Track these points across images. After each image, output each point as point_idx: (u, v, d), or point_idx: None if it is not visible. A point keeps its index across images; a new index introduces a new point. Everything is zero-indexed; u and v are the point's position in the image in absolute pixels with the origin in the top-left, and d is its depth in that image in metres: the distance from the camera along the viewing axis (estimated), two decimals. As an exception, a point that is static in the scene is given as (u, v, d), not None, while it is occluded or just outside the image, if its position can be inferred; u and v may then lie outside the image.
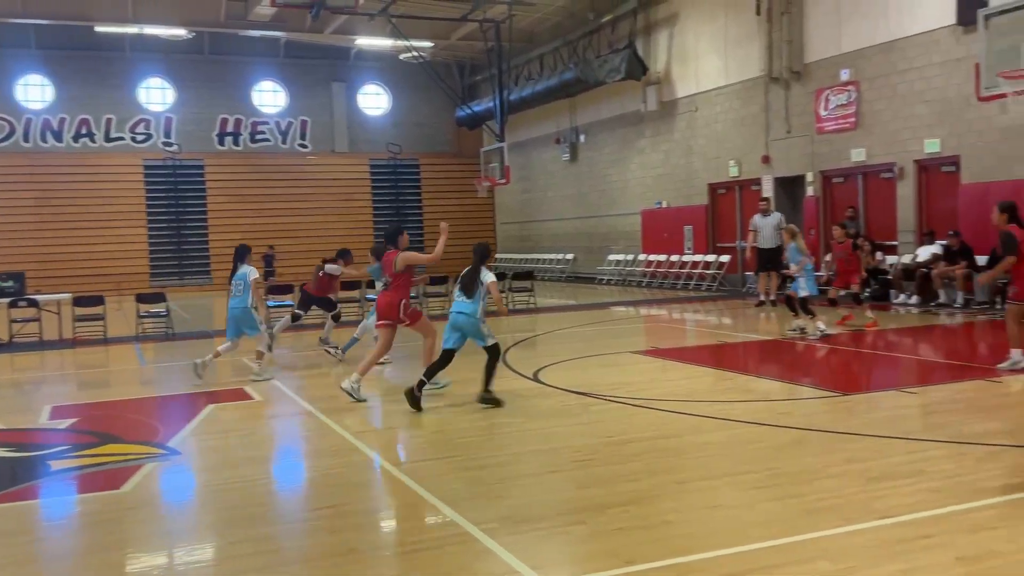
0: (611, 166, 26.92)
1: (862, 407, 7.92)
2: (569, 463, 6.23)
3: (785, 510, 5.07)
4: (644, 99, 24.23)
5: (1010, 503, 4.99)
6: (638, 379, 9.83)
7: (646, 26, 24.27)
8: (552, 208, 30.55)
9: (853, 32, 18.02)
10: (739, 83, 21.21)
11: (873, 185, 18.19)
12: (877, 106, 17.60)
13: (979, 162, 15.63)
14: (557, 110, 28.93)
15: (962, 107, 15.71)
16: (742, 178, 21.47)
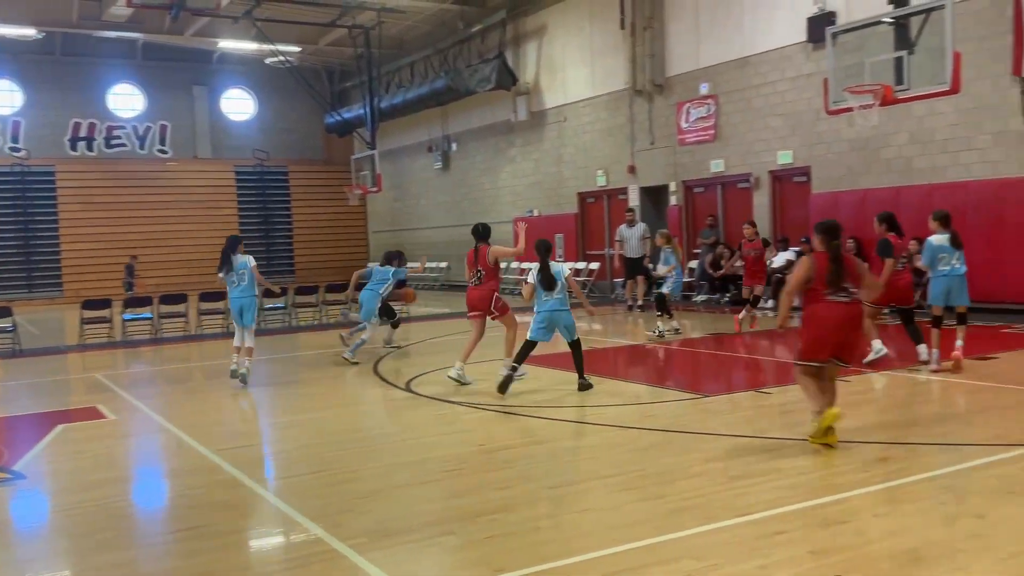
0: (483, 174, 27.06)
1: (723, 407, 8.21)
2: (439, 473, 6.19)
3: (651, 511, 5.19)
4: (515, 109, 24.49)
5: (859, 497, 5.26)
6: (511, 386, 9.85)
7: (515, 37, 24.55)
8: (425, 216, 30.45)
9: (711, 48, 18.75)
10: (605, 95, 21.71)
11: (731, 194, 18.96)
12: (734, 119, 18.38)
13: (828, 172, 16.53)
14: (429, 118, 28.87)
15: (812, 120, 16.58)
16: (609, 187, 21.98)
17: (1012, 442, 6.35)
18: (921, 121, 14.89)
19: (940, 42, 11.49)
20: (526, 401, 8.79)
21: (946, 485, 5.42)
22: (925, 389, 8.70)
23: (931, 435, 6.71)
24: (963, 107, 14.16)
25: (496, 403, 8.61)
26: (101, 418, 8.92)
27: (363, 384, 10.40)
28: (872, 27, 12.49)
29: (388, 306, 13.11)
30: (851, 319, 6.45)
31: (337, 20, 25.57)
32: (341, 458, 6.89)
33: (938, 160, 14.73)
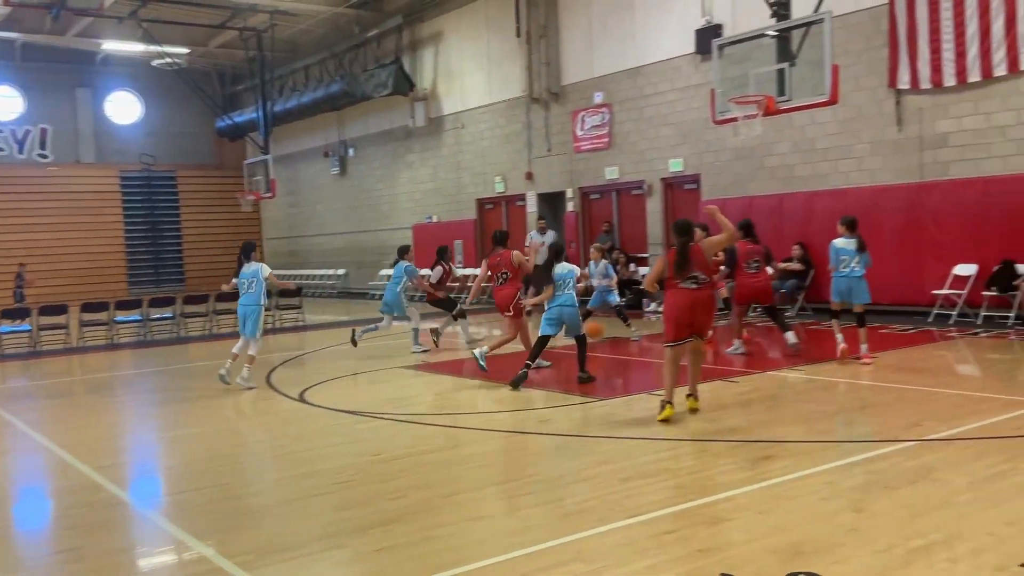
0: (381, 180, 26.82)
1: (617, 411, 8.34)
2: (331, 485, 6.08)
3: (544, 515, 5.22)
4: (412, 114, 24.37)
5: (745, 495, 5.41)
6: (407, 394, 9.80)
7: (412, 42, 24.44)
8: (322, 223, 29.97)
9: (604, 57, 19.09)
10: (502, 102, 21.84)
11: (626, 201, 19.33)
12: (627, 127, 18.74)
13: (716, 180, 17.03)
14: (325, 123, 28.46)
15: (701, 129, 17.06)
16: (508, 193, 22.10)
17: (888, 438, 6.66)
18: (803, 131, 15.50)
19: (820, 55, 11.97)
20: (423, 409, 8.74)
21: (826, 481, 5.62)
22: (808, 388, 9.03)
23: (812, 433, 6.98)
24: (842, 117, 14.82)
25: (392, 412, 8.52)
26: (-29, 437, 8.43)
27: (255, 396, 10.13)
28: (756, 40, 12.91)
29: (448, 299, 13.78)
30: (700, 302, 7.57)
31: (227, 22, 24.96)
32: (229, 473, 6.70)
33: (819, 168, 15.37)
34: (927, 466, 5.81)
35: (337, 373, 11.40)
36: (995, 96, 13.13)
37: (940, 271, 13.74)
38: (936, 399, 8.01)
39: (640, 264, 18.39)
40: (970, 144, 13.46)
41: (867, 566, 4.19)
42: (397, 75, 23.58)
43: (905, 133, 14.18)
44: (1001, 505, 4.96)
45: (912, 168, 14.15)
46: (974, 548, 4.33)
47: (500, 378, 10.72)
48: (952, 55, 13.47)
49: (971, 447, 6.25)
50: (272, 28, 24.52)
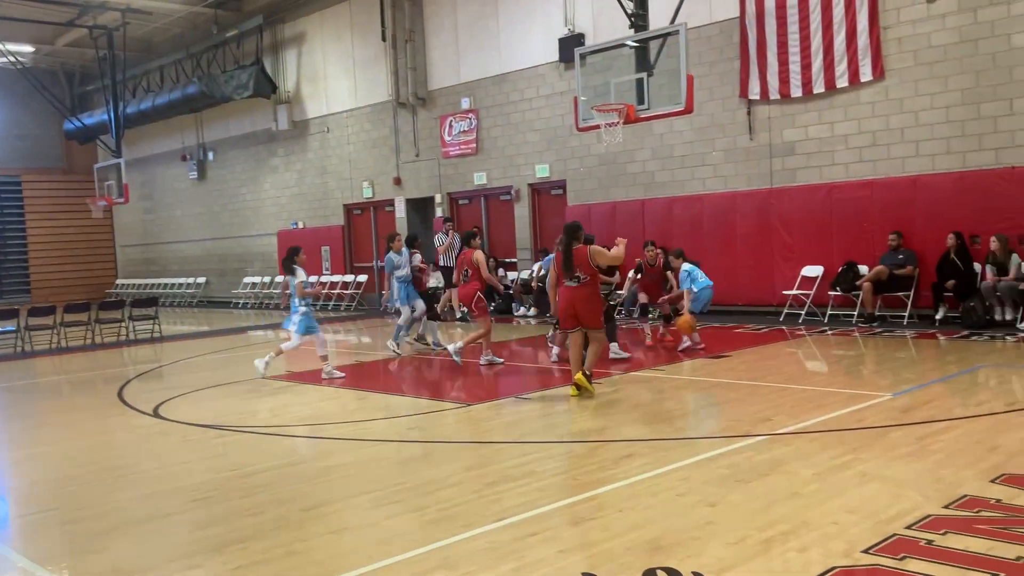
0: (243, 185, 26.04)
1: (484, 416, 8.36)
2: (187, 503, 5.83)
3: (408, 524, 5.16)
4: (275, 117, 23.78)
5: (606, 494, 5.51)
6: (270, 406, 9.52)
7: (274, 43, 23.86)
8: (180, 229, 28.84)
9: (471, 63, 19.18)
10: (369, 106, 21.61)
11: (494, 206, 19.47)
12: (494, 133, 18.89)
13: (581, 186, 17.39)
14: (183, 125, 27.42)
15: (566, 136, 17.38)
16: (376, 199, 21.88)
17: (740, 433, 6.94)
18: (662, 138, 16.02)
19: (676, 65, 12.42)
20: (287, 420, 8.51)
21: (683, 477, 5.80)
22: (667, 387, 9.31)
23: (671, 431, 7.20)
24: (698, 126, 15.40)
25: (254, 424, 8.26)
26: None
27: (106, 412, 9.63)
28: (616, 49, 13.27)
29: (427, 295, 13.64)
30: (578, 297, 8.60)
31: (76, 20, 23.69)
32: (77, 494, 6.32)
33: (677, 174, 15.91)
34: (777, 459, 6.08)
35: (196, 385, 10.97)
36: (838, 107, 13.94)
37: (790, 272, 14.48)
38: (785, 395, 8.41)
39: (509, 269, 18.56)
40: (815, 152, 14.24)
41: (721, 558, 4.33)
42: (258, 77, 22.97)
43: (756, 141, 14.87)
44: (844, 494, 5.23)
45: (763, 175, 14.84)
46: (820, 536, 4.55)
47: (367, 385, 10.58)
48: (798, 68, 14.22)
49: (817, 440, 6.59)
50: (124, 26, 23.41)
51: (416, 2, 20.08)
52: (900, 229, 13.18)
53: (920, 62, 13.03)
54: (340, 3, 21.97)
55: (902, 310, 13.12)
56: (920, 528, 4.57)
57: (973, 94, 12.59)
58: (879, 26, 13.34)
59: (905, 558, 4.18)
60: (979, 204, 12.48)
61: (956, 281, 12.34)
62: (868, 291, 13.16)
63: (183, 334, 18.42)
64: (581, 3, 16.87)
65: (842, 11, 13.66)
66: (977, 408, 7.39)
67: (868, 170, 13.68)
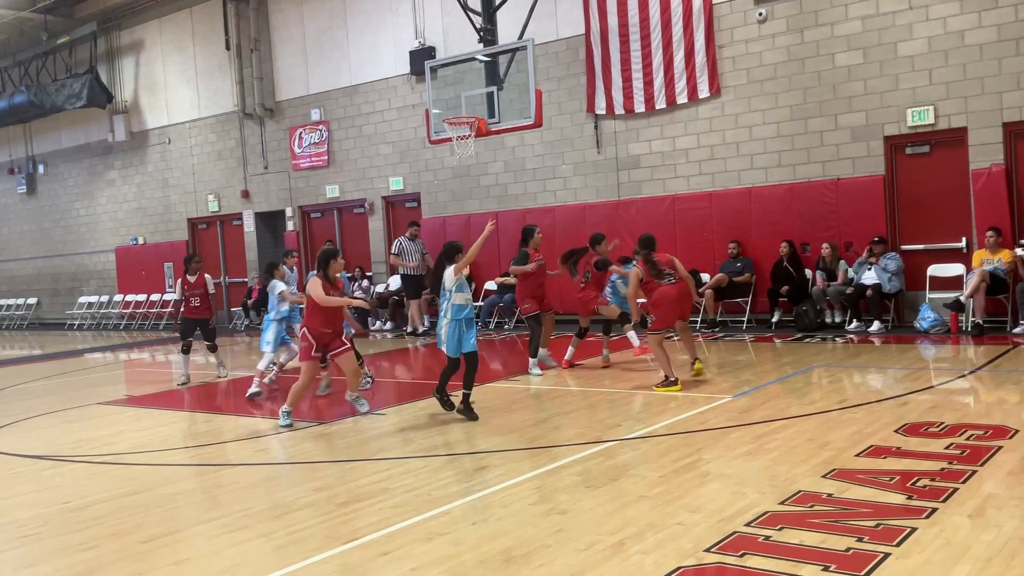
0: (77, 200, 24.60)
1: (339, 433, 8.18)
2: (13, 540, 5.41)
3: (254, 551, 4.98)
4: (112, 128, 22.62)
5: (459, 507, 5.49)
6: (107, 432, 8.99)
7: (108, 51, 22.70)
8: (8, 247, 26.93)
9: (320, 74, 18.86)
10: (213, 117, 20.88)
11: (348, 219, 19.19)
12: (346, 145, 18.64)
13: (436, 198, 17.38)
14: (10, 136, 25.68)
15: (419, 149, 17.35)
16: (222, 213, 21.14)
17: (592, 439, 7.08)
18: (514, 151, 16.24)
19: (525, 80, 12.62)
20: (126, 447, 8.06)
21: (536, 486, 5.86)
22: (520, 397, 9.40)
23: (525, 440, 7.26)
24: (548, 139, 15.71)
25: (88, 453, 7.78)
26: None
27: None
28: (467, 63, 13.37)
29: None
30: (684, 293, 9.75)
31: None
32: None
33: (530, 187, 16.16)
34: (625, 464, 6.24)
35: (25, 413, 10.25)
36: (679, 122, 14.53)
37: (638, 281, 14.91)
38: (633, 400, 8.65)
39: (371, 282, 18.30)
40: (659, 165, 14.78)
41: (570, 564, 4.39)
42: (92, 86, 21.79)
43: (604, 155, 15.30)
44: (688, 495, 5.41)
45: (611, 187, 15.28)
46: (666, 537, 4.68)
47: (213, 408, 10.18)
48: (641, 84, 14.74)
49: (663, 443, 6.80)
50: (-60, 29, 21.76)
51: (262, 11, 19.59)
52: (738, 238, 13.85)
53: (753, 79, 13.76)
54: (180, 11, 21.16)
55: (741, 315, 13.78)
56: (758, 524, 4.78)
57: (801, 110, 13.40)
58: (715, 44, 14.00)
59: (745, 555, 4.36)
60: (808, 213, 13.28)
61: (789, 286, 13.08)
62: (710, 298, 13.75)
63: (12, 359, 17.19)
64: (431, 16, 16.90)
65: (681, 30, 14.26)
66: (810, 407, 7.82)
67: (707, 182, 14.32)
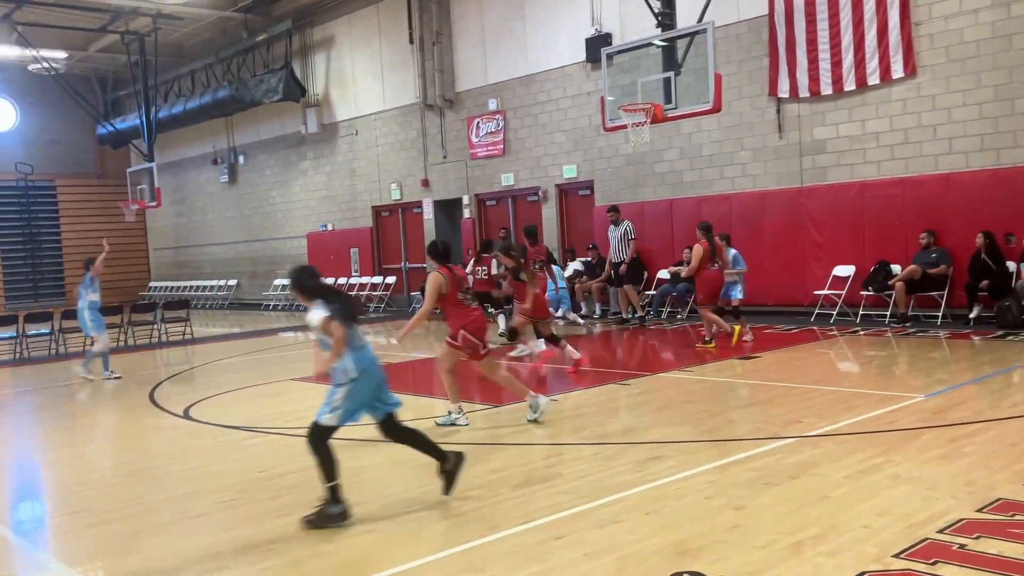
0: (274, 188, 26.25)
1: (512, 417, 8.34)
2: (215, 505, 5.88)
3: (435, 526, 5.17)
4: (304, 121, 23.94)
5: (632, 496, 5.47)
6: (299, 408, 9.55)
7: (302, 47, 24.02)
8: (212, 232, 29.13)
9: (498, 65, 19.18)
10: (396, 108, 21.69)
11: (522, 207, 19.46)
12: (521, 133, 18.88)
13: (609, 186, 17.32)
14: (213, 129, 27.69)
15: (593, 136, 17.32)
16: (404, 201, 21.96)
17: (769, 435, 6.86)
18: (690, 137, 15.91)
19: (704, 64, 12.33)
20: (314, 421, 8.54)
21: (711, 479, 5.75)
22: (695, 389, 9.24)
23: (699, 432, 7.13)
24: (726, 124, 15.28)
25: (282, 426, 8.31)
26: None
27: (138, 413, 9.73)
28: (643, 49, 13.21)
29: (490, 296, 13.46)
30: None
31: (108, 26, 24.00)
32: (107, 495, 6.39)
33: (706, 174, 15.80)
34: (806, 462, 6.01)
35: (226, 387, 11.07)
36: (869, 104, 13.76)
37: (821, 272, 14.31)
38: (816, 396, 8.31)
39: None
40: (846, 150, 14.06)
41: (748, 562, 4.29)
42: (287, 80, 23.13)
43: (786, 140, 14.72)
44: (875, 497, 5.15)
45: (792, 173, 14.69)
46: (850, 540, 4.48)
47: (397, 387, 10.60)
48: (828, 65, 14.05)
49: (847, 442, 6.50)
50: (155, 32, 23.69)
51: (443, 5, 20.13)
52: (933, 227, 12.98)
53: (953, 58, 12.82)
54: (368, 7, 22.07)
55: (936, 310, 12.93)
56: (953, 532, 4.49)
57: (1007, 90, 12.36)
58: (911, 22, 13.14)
59: (937, 563, 4.11)
60: (1013, 202, 12.25)
61: (989, 281, 12.13)
62: (901, 291, 12.97)
63: (214, 336, 18.59)
64: (608, 3, 16.80)
65: (873, 7, 13.48)
66: (1011, 410, 7.25)
67: (900, 168, 13.50)
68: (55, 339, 16.30)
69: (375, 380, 5.53)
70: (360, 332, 5.53)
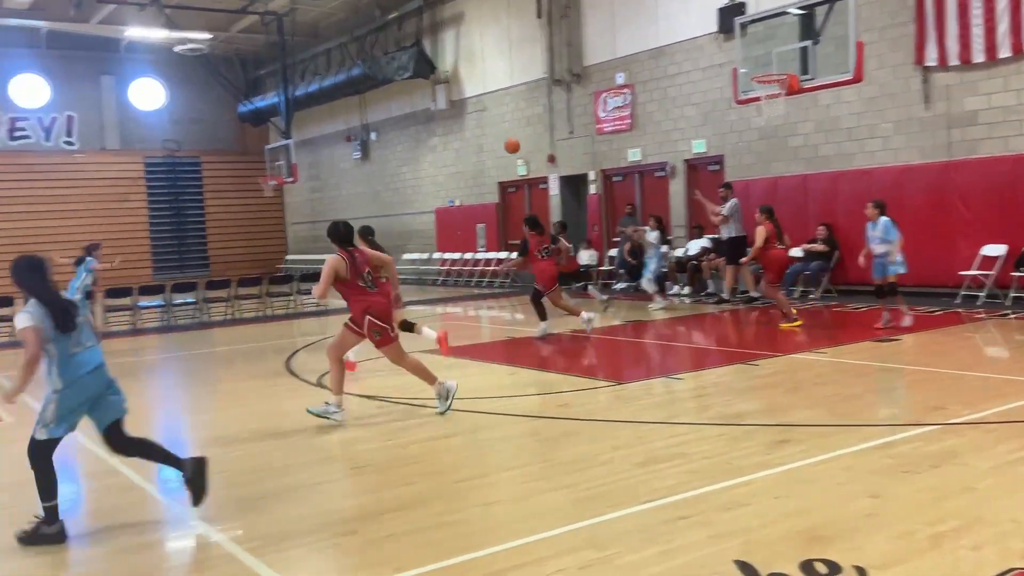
0: (404, 164, 26.79)
1: (634, 395, 8.26)
2: (343, 471, 6.07)
3: (557, 501, 5.17)
4: (434, 98, 24.28)
5: (761, 479, 5.32)
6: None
7: (432, 25, 24.32)
8: (345, 207, 29.97)
9: (627, 38, 18.87)
10: (523, 84, 21.69)
11: (649, 183, 19.16)
12: (649, 108, 18.54)
13: (740, 160, 16.82)
14: (347, 107, 28.44)
15: (724, 110, 16.83)
16: (530, 176, 21.99)
17: (908, 422, 6.54)
18: (827, 110, 15.24)
19: (844, 32, 11.77)
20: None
21: (845, 465, 5.52)
22: (829, 371, 8.89)
23: (832, 416, 6.86)
24: (867, 95, 14.55)
25: (408, 397, 8.50)
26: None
27: (273, 381, 10.16)
28: (779, 17, 12.74)
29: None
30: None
31: (248, 7, 24.96)
32: (242, 458, 6.69)
33: (844, 148, 15.11)
34: (949, 450, 5.69)
35: (357, 357, 11.37)
36: (1026, 72, 12.83)
37: (967, 251, 13.48)
38: (961, 382, 7.86)
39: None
40: (1000, 121, 13.16)
41: (885, 552, 4.10)
42: (418, 58, 23.49)
43: (932, 111, 13.90)
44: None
45: (939, 146, 13.87)
46: (996, 534, 4.23)
47: (521, 362, 10.68)
48: (982, 31, 13.15)
49: (995, 431, 6.12)
50: (293, 12, 24.49)
51: (572, -23, 19.94)
52: (1098, 204, 12.03)
53: (1126, 19, 11.78)
54: (496, -18, 22.13)
55: (1098, 293, 11.99)
56: (1116, 532, 4.16)
57: None
58: (1078, -19, 12.14)
59: (1096, 564, 3.81)
60: None
61: None
62: (1058, 272, 12.10)
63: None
64: (742, -29, 16.25)
65: (1034, -34, 12.52)
66: None
67: (1060, 140, 12.53)
68: (199, 308, 17.21)
69: (88, 391, 5.05)
70: (79, 338, 5.00)
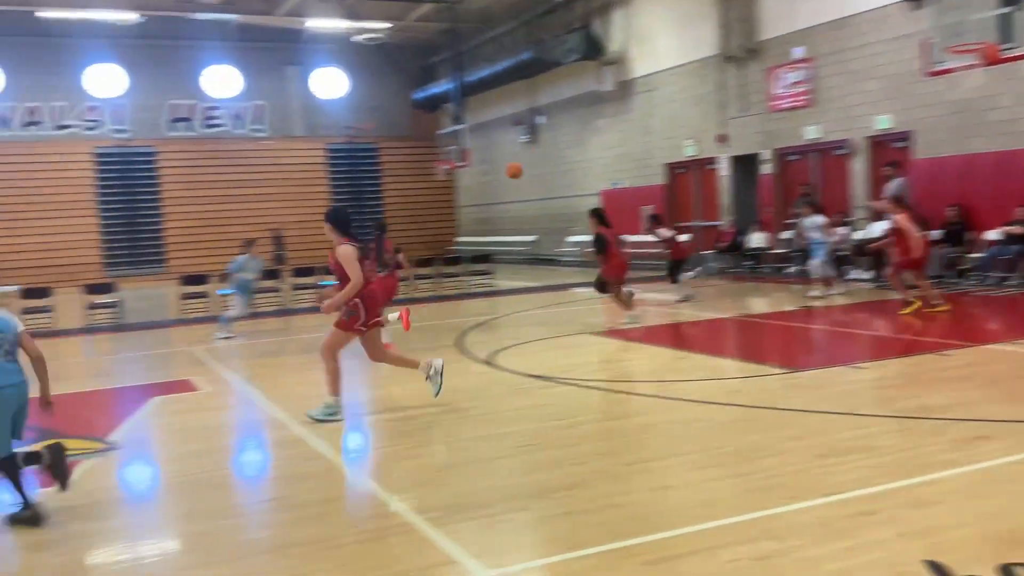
0: (570, 147, 26.82)
1: (812, 383, 7.93)
2: (516, 448, 6.16)
3: (731, 489, 5.04)
4: (601, 79, 24.13)
5: (955, 477, 4.99)
6: (594, 360, 9.78)
7: (601, 6, 24.14)
8: (513, 190, 30.39)
9: (807, 9, 18.03)
10: (693, 62, 21.17)
11: (828, 162, 18.28)
12: (830, 83, 17.67)
13: (930, 137, 15.75)
14: (516, 91, 28.73)
15: (912, 83, 15.79)
16: (699, 157, 21.50)
17: None
18: (1031, 80, 14.01)
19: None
20: (609, 375, 8.68)
21: (1051, 466, 5.09)
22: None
23: (1036, 413, 6.34)
24: (1080, 64, 13.25)
25: (578, 377, 8.53)
26: (193, 391, 9.21)
27: (447, 358, 10.35)
28: (977, -19, 11.81)
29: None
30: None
31: (424, -5, 25.65)
32: (418, 432, 6.93)
33: (1050, 121, 13.86)
34: None
35: (526, 338, 11.54)
36: None
37: None
38: None
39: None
40: None
41: (1099, 563, 3.74)
42: (587, 40, 23.42)
43: None
44: None
45: None
46: None
47: (693, 347, 10.50)
48: None
49: None
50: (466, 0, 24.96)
51: (748, -50, 19.25)
52: None
53: None
54: (667, -41, 21.69)
55: None
56: None
57: None
58: None
59: None
60: None
61: None
62: None
63: (514, 289, 19.46)
64: (936, -67, 15.14)
65: None
66: None
67: None
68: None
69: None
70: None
